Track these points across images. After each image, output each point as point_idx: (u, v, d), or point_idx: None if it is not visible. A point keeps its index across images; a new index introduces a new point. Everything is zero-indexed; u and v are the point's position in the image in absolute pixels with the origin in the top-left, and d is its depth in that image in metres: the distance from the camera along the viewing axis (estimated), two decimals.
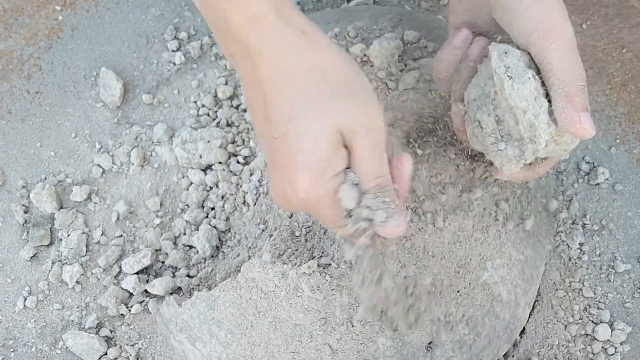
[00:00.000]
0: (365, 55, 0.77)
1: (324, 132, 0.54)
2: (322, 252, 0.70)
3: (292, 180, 0.56)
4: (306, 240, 0.71)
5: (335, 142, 0.55)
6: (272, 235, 0.73)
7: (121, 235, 0.83)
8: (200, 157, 0.82)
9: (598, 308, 0.83)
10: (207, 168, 0.84)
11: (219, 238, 0.80)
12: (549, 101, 0.61)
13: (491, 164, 0.67)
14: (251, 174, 0.80)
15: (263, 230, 0.78)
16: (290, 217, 0.75)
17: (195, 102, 0.87)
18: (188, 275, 0.80)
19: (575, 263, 0.84)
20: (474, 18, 0.67)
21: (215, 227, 0.81)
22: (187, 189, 0.84)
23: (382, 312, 0.65)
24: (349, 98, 0.55)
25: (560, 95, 0.61)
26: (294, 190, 0.56)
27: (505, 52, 0.61)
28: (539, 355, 0.80)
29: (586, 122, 0.62)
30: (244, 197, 0.80)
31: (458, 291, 0.70)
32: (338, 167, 0.56)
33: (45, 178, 0.85)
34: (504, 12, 0.63)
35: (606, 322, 0.82)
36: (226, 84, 0.86)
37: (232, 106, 0.86)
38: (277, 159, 0.56)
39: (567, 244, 0.85)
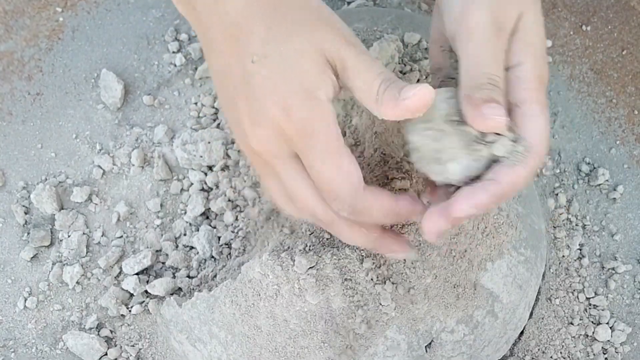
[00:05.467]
0: None
1: (309, 50, 0.51)
2: (324, 253, 0.70)
3: (285, 104, 0.50)
4: (308, 241, 0.71)
5: (322, 63, 0.52)
6: (272, 236, 0.73)
7: (121, 236, 0.83)
8: (201, 157, 0.82)
9: (598, 309, 0.83)
10: (207, 169, 0.84)
11: (219, 239, 0.81)
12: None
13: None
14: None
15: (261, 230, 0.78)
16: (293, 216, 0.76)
17: (195, 103, 0.88)
18: (188, 276, 0.80)
19: (576, 264, 0.85)
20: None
21: (214, 228, 0.81)
22: (188, 190, 0.84)
23: None
24: (322, 22, 0.53)
25: (462, 104, 0.52)
26: (288, 114, 0.50)
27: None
28: (538, 355, 0.80)
29: (490, 110, 0.51)
30: (244, 198, 0.80)
31: (458, 291, 0.70)
32: (329, 91, 0.52)
33: (46, 179, 0.85)
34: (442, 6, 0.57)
35: (606, 323, 0.82)
36: None
37: None
38: (257, 84, 0.51)
39: (567, 245, 0.85)
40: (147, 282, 0.80)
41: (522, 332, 0.80)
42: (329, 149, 0.52)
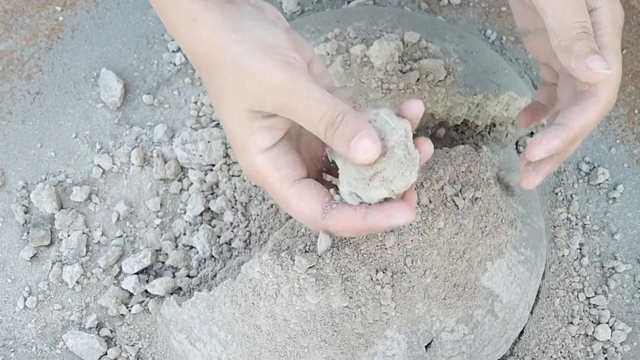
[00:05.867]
0: (365, 55, 0.77)
1: (236, 109, 0.55)
2: (324, 253, 0.69)
3: (236, 157, 0.57)
4: (308, 240, 0.71)
5: (247, 117, 0.54)
6: (270, 235, 0.73)
7: (121, 236, 0.83)
8: (201, 157, 0.82)
9: (598, 308, 0.83)
10: (207, 168, 0.84)
11: (218, 237, 0.81)
12: None
13: None
14: None
15: (262, 231, 0.78)
16: (289, 218, 0.75)
17: (195, 102, 0.88)
18: (188, 276, 0.80)
19: (575, 263, 0.84)
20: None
21: (214, 227, 0.81)
22: (187, 189, 0.84)
23: None
24: (244, 74, 0.53)
25: (559, 51, 0.56)
26: (241, 165, 0.58)
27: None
28: (538, 355, 0.80)
29: (595, 64, 0.55)
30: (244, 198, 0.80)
31: (458, 291, 0.70)
32: (263, 142, 0.55)
33: (46, 178, 0.85)
34: None
35: (606, 323, 0.82)
36: None
37: None
38: None
39: (567, 244, 0.85)
40: (147, 281, 0.80)
41: (522, 332, 0.80)
42: (273, 194, 0.57)
